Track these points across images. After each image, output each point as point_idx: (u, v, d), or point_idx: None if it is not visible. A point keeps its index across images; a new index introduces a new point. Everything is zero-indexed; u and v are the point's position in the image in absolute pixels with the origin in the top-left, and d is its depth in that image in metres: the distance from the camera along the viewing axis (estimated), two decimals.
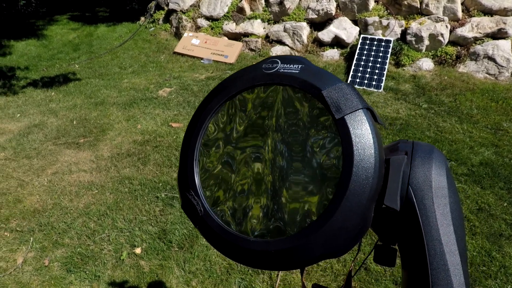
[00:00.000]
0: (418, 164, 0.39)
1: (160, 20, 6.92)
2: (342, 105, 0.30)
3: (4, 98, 4.44)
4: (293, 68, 0.34)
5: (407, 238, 0.39)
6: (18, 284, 1.94)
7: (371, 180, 0.27)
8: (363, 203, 0.27)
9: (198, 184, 0.36)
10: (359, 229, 0.28)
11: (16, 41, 6.63)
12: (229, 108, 0.37)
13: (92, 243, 2.20)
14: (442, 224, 0.37)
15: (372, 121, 0.31)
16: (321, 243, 0.28)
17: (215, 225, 0.34)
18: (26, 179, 2.80)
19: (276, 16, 5.72)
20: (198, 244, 2.15)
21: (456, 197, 0.39)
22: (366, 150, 0.28)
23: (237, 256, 0.33)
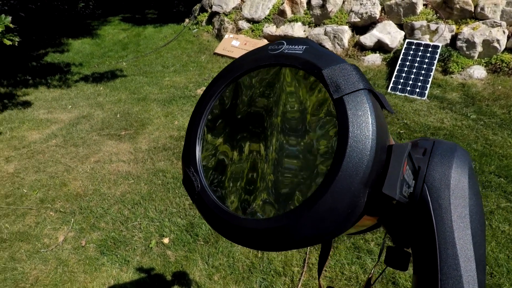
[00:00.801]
0: (437, 162, 0.37)
1: (203, 22, 7.14)
2: (342, 85, 0.29)
3: (59, 91, 4.83)
4: (297, 49, 0.34)
5: (419, 240, 0.37)
6: (58, 260, 2.10)
7: (365, 163, 0.26)
8: (354, 186, 0.26)
9: (198, 161, 0.36)
10: (349, 213, 0.26)
11: (74, 39, 7.21)
12: (234, 89, 0.37)
13: (124, 229, 2.32)
14: (458, 227, 0.34)
15: (374, 103, 0.29)
16: (310, 224, 0.27)
17: (210, 201, 0.34)
18: (72, 165, 3.02)
19: (317, 19, 5.65)
20: (223, 240, 2.17)
21: (478, 200, 0.36)
22: (362, 132, 0.27)
23: (227, 233, 0.33)
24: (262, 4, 6.22)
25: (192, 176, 0.36)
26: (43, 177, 2.86)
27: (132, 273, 2.01)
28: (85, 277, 1.99)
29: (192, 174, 0.36)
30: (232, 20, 6.46)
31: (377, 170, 0.27)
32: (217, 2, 6.74)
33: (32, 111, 4.16)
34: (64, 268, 2.05)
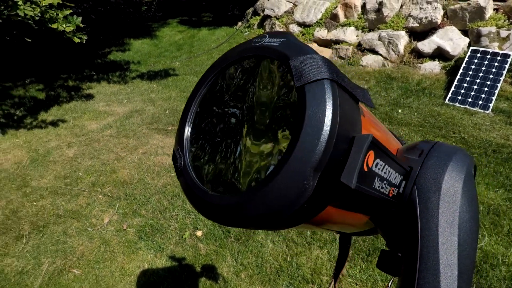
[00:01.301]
0: (431, 164, 0.36)
1: (255, 25, 7.27)
2: (305, 74, 0.30)
3: (118, 86, 5.24)
4: (275, 41, 0.35)
5: (405, 242, 0.36)
6: (101, 239, 2.27)
7: (317, 150, 0.26)
8: (305, 170, 0.26)
9: (185, 141, 0.40)
10: (297, 195, 0.27)
11: (135, 39, 7.79)
12: (221, 78, 0.40)
13: (162, 218, 2.43)
14: (443, 232, 0.33)
15: (335, 93, 0.29)
16: (261, 203, 0.28)
17: (188, 178, 0.37)
18: (122, 155, 3.25)
19: (372, 24, 5.44)
20: (254, 240, 2.18)
21: (472, 208, 0.34)
22: (317, 120, 0.27)
23: (199, 208, 0.35)
24: (315, 8, 6.16)
25: (178, 155, 0.39)
26: (96, 163, 3.12)
27: (165, 260, 2.10)
28: (123, 258, 2.12)
29: (178, 153, 0.39)
30: (283, 24, 6.49)
31: (335, 159, 0.27)
32: (269, 6, 6.82)
33: (93, 103, 4.56)
34: (106, 247, 2.21)
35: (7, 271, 2.05)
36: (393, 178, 0.34)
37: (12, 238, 2.28)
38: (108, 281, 1.98)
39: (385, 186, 0.33)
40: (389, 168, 0.32)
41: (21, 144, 3.42)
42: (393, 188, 0.35)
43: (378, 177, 0.31)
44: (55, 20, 3.49)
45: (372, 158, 0.29)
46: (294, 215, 0.28)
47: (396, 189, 0.36)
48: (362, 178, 0.28)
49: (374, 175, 0.30)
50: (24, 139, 3.51)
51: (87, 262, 2.10)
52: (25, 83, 5.18)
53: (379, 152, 0.29)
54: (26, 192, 2.71)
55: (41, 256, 2.15)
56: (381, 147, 0.30)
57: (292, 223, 0.31)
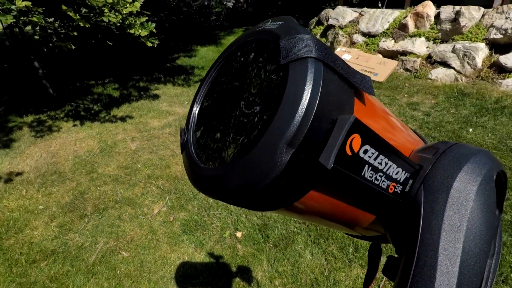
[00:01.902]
0: (444, 164, 0.33)
1: (318, 35, 7.21)
2: (292, 53, 0.29)
3: (181, 89, 5.61)
4: (275, 24, 0.35)
5: (407, 245, 0.33)
6: (149, 227, 2.42)
7: (291, 125, 0.26)
8: (277, 145, 0.26)
9: (192, 120, 0.43)
10: (269, 168, 0.26)
11: (202, 46, 8.28)
12: (228, 61, 0.42)
13: (206, 215, 2.51)
14: (447, 237, 0.29)
15: (319, 72, 0.28)
16: (237, 176, 0.28)
17: (188, 153, 0.38)
18: (177, 152, 3.45)
19: (446, 35, 5.02)
20: (292, 248, 2.13)
21: (488, 215, 0.31)
22: (296, 96, 0.27)
23: (192, 179, 0.36)
24: (382, 18, 5.90)
25: (183, 132, 0.42)
26: (154, 157, 3.36)
27: (204, 255, 2.16)
28: (166, 248, 2.24)
29: (183, 131, 0.42)
30: (346, 34, 6.33)
31: (313, 138, 0.26)
32: (334, 16, 6.72)
33: (158, 103, 4.94)
34: (153, 235, 2.35)
35: (69, 244, 2.30)
36: (394, 173, 0.32)
37: (77, 216, 2.56)
38: (151, 267, 2.10)
39: (381, 178, 0.31)
40: (386, 159, 0.30)
41: (94, 135, 3.85)
42: (395, 184, 0.32)
43: (369, 166, 0.29)
44: (133, 26, 3.90)
45: (358, 143, 0.27)
46: (268, 190, 0.27)
47: (400, 186, 0.33)
48: (345, 162, 0.26)
49: (363, 163, 0.28)
50: (97, 131, 3.94)
51: (134, 247, 2.26)
52: (104, 82, 5.83)
53: (368, 138, 0.28)
54: (93, 178, 3.03)
55: (98, 236, 2.37)
56: (371, 134, 0.28)
57: (271, 202, 0.30)
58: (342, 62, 0.31)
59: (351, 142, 0.26)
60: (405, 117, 3.77)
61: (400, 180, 0.33)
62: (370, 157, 0.29)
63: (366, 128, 0.27)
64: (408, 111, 3.91)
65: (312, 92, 0.26)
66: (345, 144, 0.26)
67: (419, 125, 3.55)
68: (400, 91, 4.54)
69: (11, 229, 2.43)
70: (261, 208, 0.32)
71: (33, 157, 3.38)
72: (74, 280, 2.02)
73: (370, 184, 0.30)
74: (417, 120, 3.66)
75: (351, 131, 0.26)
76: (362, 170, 0.28)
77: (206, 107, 0.42)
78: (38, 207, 2.65)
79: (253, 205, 0.30)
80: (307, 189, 0.30)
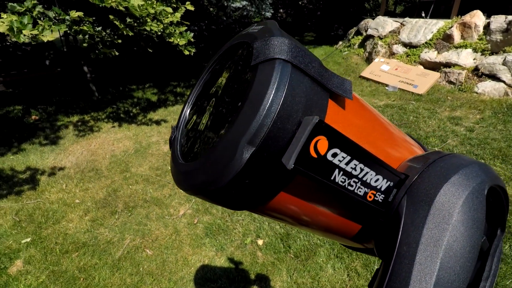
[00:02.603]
0: (430, 174, 0.31)
1: (356, 45, 7.07)
2: (262, 54, 0.29)
3: None
4: (257, 28, 0.35)
5: (385, 258, 0.32)
6: (174, 228, 2.48)
7: (253, 124, 0.26)
8: (238, 143, 0.26)
9: (182, 119, 0.45)
10: (228, 167, 0.27)
11: None
12: (218, 63, 0.44)
13: (229, 220, 2.52)
14: (424, 250, 0.28)
15: (286, 73, 0.27)
16: (202, 172, 0.29)
17: (174, 150, 0.40)
18: None
19: (496, 46, 4.69)
20: (313, 261, 2.06)
21: (472, 231, 0.28)
22: (259, 96, 0.27)
23: (172, 175, 0.37)
24: (425, 28, 5.65)
25: (173, 129, 0.44)
26: None
27: (224, 260, 2.16)
28: (188, 250, 2.27)
29: (173, 128, 0.44)
30: (386, 44, 6.14)
31: (275, 137, 0.26)
32: (373, 26, 6.56)
33: None
34: (176, 236, 2.40)
35: (99, 238, 2.42)
36: (373, 180, 0.30)
37: (108, 212, 2.70)
38: (172, 267, 2.14)
39: (356, 185, 0.30)
40: (361, 165, 0.29)
41: (131, 136, 4.05)
42: (374, 192, 0.31)
43: (340, 170, 0.28)
44: (173, 35, 4.08)
45: (324, 145, 0.26)
46: (233, 188, 0.28)
47: (381, 194, 0.32)
48: (310, 164, 0.26)
49: (332, 166, 0.27)
50: (134, 132, 4.15)
51: (158, 246, 2.32)
52: (144, 87, 6.15)
53: (336, 141, 0.27)
54: (126, 176, 3.18)
55: (125, 232, 2.47)
56: (340, 137, 0.27)
57: (241, 200, 0.30)
58: (319, 65, 0.30)
59: (316, 144, 0.26)
60: (445, 131, 3.55)
61: (380, 188, 0.31)
62: (340, 161, 0.28)
63: (333, 130, 0.26)
64: (449, 126, 3.68)
65: (276, 93, 0.26)
66: (308, 145, 0.25)
67: (461, 141, 3.31)
68: (441, 105, 4.29)
69: (49, 219, 2.61)
70: (233, 206, 0.32)
71: (75, 154, 3.63)
72: (100, 273, 2.11)
73: (343, 189, 0.29)
74: (459, 136, 3.42)
75: (314, 132, 0.25)
76: (332, 174, 0.28)
77: (195, 107, 0.44)
78: (75, 201, 2.83)
79: (223, 202, 0.31)
80: (276, 189, 0.30)
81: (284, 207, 0.33)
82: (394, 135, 0.39)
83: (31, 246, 2.34)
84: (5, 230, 2.49)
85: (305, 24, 12.25)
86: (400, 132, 0.41)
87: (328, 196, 0.33)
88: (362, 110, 0.36)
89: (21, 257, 2.25)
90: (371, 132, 0.35)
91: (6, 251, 2.30)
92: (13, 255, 2.26)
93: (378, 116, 0.39)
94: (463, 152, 3.10)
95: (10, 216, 2.63)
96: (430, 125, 3.76)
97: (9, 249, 2.31)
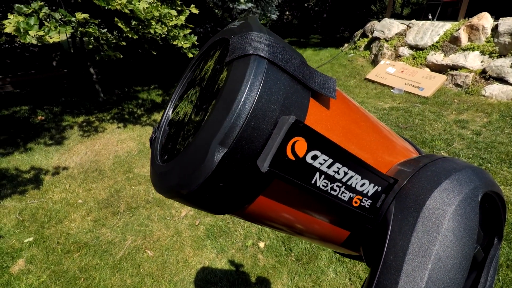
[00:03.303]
0: (421, 179, 0.29)
1: (362, 47, 7.03)
2: (237, 50, 0.28)
3: None
4: (237, 23, 0.34)
5: (372, 267, 0.30)
6: (176, 229, 2.47)
7: (224, 124, 0.25)
8: (209, 144, 0.25)
9: (163, 119, 0.44)
10: (199, 169, 0.25)
11: None
12: (200, 62, 0.43)
13: (231, 222, 2.51)
14: (411, 260, 0.26)
15: (261, 70, 0.26)
16: (175, 174, 0.28)
17: (153, 150, 0.40)
18: None
19: (504, 49, 4.62)
20: (315, 264, 2.04)
21: (463, 241, 0.26)
22: (232, 95, 0.25)
23: (150, 175, 0.36)
24: (432, 30, 5.60)
25: (154, 129, 0.43)
26: None
27: (224, 262, 2.15)
28: (189, 251, 2.26)
29: (155, 128, 0.43)
30: (392, 46, 6.09)
31: (249, 138, 0.25)
32: (379, 28, 6.52)
33: None
34: (178, 237, 2.40)
35: (101, 239, 2.42)
36: (358, 184, 0.28)
37: (110, 212, 2.70)
38: (172, 269, 2.13)
39: (339, 189, 0.28)
40: (344, 169, 0.27)
41: (135, 137, 4.07)
42: (360, 197, 0.29)
43: (321, 173, 0.26)
44: (177, 38, 4.09)
45: (302, 147, 0.24)
46: (206, 190, 0.26)
47: (368, 200, 0.30)
48: (287, 166, 0.24)
49: (312, 170, 0.26)
50: (137, 133, 4.16)
51: (159, 247, 2.31)
52: (149, 88, 6.18)
53: (316, 143, 0.25)
54: (129, 177, 3.19)
55: (127, 233, 2.47)
56: (320, 138, 0.25)
57: (219, 203, 0.28)
58: (299, 63, 0.28)
59: (293, 146, 0.24)
60: (452, 135, 3.50)
61: (367, 193, 0.29)
62: (321, 164, 0.26)
63: (311, 131, 0.24)
64: (455, 129, 3.62)
65: (250, 90, 0.25)
66: (284, 146, 0.23)
67: (467, 145, 3.26)
68: (448, 107, 4.23)
69: (52, 219, 2.62)
70: (210, 209, 0.30)
71: (79, 154, 3.65)
72: (101, 274, 2.11)
73: (326, 194, 0.27)
74: (465, 139, 3.37)
75: (291, 133, 0.23)
76: (312, 178, 0.26)
77: (178, 106, 0.43)
78: (78, 201, 2.84)
79: (199, 205, 0.29)
80: (254, 193, 0.28)
81: (265, 212, 0.31)
82: (385, 136, 0.37)
83: (34, 246, 2.35)
84: (8, 229, 2.51)
85: (311, 26, 12.23)
86: (391, 133, 0.40)
87: (310, 201, 0.31)
88: (348, 110, 0.34)
89: (23, 256, 2.26)
90: (358, 133, 0.33)
91: (9, 250, 2.31)
92: (15, 254, 2.27)
93: (366, 116, 0.37)
94: (469, 156, 3.05)
95: (14, 215, 2.65)
96: (436, 128, 3.71)
97: (12, 248, 2.33)
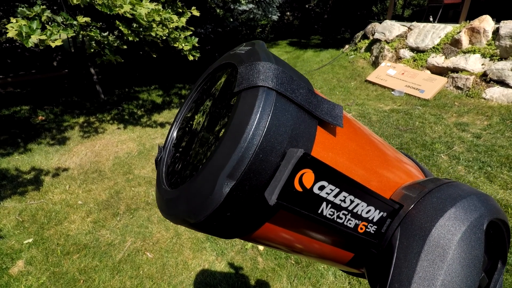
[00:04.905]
0: (427, 205, 0.29)
1: (362, 49, 7.03)
2: (245, 81, 0.28)
3: None
4: (244, 49, 0.34)
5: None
6: (175, 231, 2.47)
7: (233, 157, 0.25)
8: (217, 177, 0.25)
9: (169, 140, 0.44)
10: (207, 201, 0.26)
11: None
12: (208, 83, 0.43)
13: None
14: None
15: (269, 102, 0.26)
16: (185, 201, 0.28)
17: (159, 170, 0.40)
18: None
19: (505, 52, 4.62)
20: (314, 268, 2.03)
21: (469, 270, 0.26)
22: (240, 127, 0.25)
23: (156, 198, 0.36)
24: (433, 33, 5.60)
25: (159, 150, 0.43)
26: None
27: (224, 265, 2.15)
28: (188, 253, 2.26)
29: (160, 149, 0.43)
30: (392, 48, 6.09)
31: (258, 170, 0.25)
32: (380, 30, 6.52)
33: None
34: (177, 240, 2.40)
35: (100, 240, 2.42)
36: (364, 211, 0.29)
37: (110, 214, 2.70)
38: (172, 271, 2.13)
39: (345, 217, 0.28)
40: (351, 197, 0.27)
41: (135, 138, 4.07)
42: (366, 224, 0.29)
43: (328, 203, 0.26)
44: (177, 40, 4.09)
45: (310, 178, 0.25)
46: (214, 220, 0.26)
47: (373, 226, 0.30)
48: (294, 198, 0.24)
49: (319, 200, 0.26)
50: (138, 134, 4.16)
51: (159, 249, 2.31)
52: (150, 89, 6.18)
53: (324, 174, 0.25)
54: (129, 178, 3.19)
55: (127, 235, 2.47)
56: (327, 169, 0.25)
57: (224, 230, 0.29)
58: (307, 91, 0.29)
59: (301, 178, 0.24)
60: (452, 138, 3.49)
61: (373, 219, 0.29)
62: (328, 194, 0.26)
63: (319, 163, 0.24)
64: (456, 132, 3.62)
65: (258, 124, 0.25)
66: (292, 179, 0.24)
67: (467, 148, 3.26)
68: (448, 110, 4.23)
69: (52, 220, 2.62)
70: (218, 235, 0.31)
71: (79, 155, 3.65)
72: (101, 275, 2.11)
73: (332, 222, 0.27)
74: (465, 142, 3.37)
75: (299, 165, 0.24)
76: (319, 208, 0.26)
77: (184, 127, 0.43)
78: (78, 202, 2.84)
79: (205, 231, 0.30)
80: (260, 221, 0.29)
81: (270, 237, 0.31)
82: (390, 158, 0.38)
83: (33, 247, 2.35)
84: (8, 230, 2.51)
85: (312, 27, 12.23)
86: (397, 153, 0.40)
87: (316, 228, 0.31)
88: (354, 134, 0.34)
89: (22, 258, 2.26)
90: (364, 157, 0.33)
91: (8, 251, 2.31)
92: (15, 255, 2.27)
93: (372, 139, 0.37)
94: (469, 159, 3.05)
95: (14, 216, 2.65)
96: (436, 131, 3.70)
97: (11, 249, 2.33)
